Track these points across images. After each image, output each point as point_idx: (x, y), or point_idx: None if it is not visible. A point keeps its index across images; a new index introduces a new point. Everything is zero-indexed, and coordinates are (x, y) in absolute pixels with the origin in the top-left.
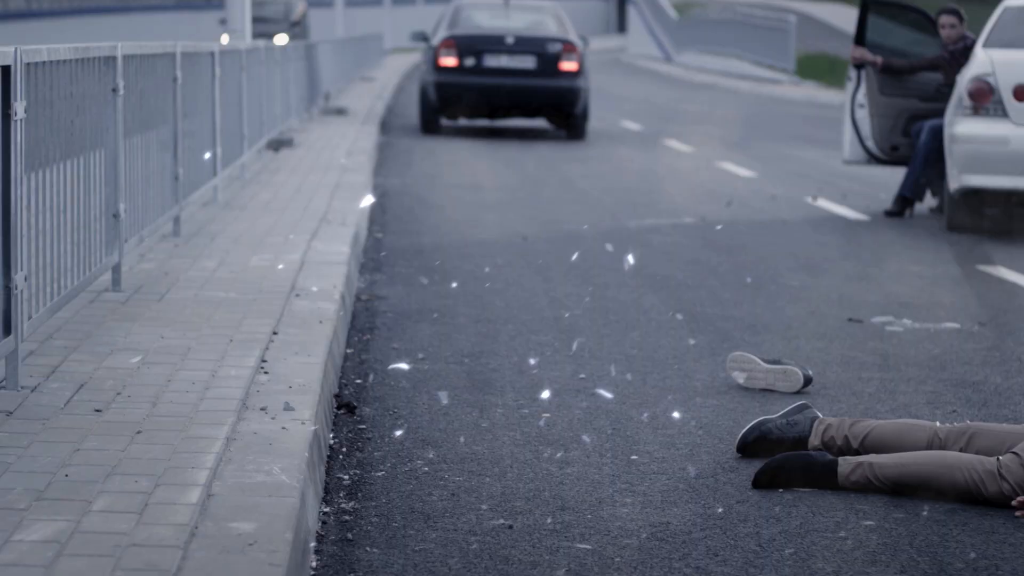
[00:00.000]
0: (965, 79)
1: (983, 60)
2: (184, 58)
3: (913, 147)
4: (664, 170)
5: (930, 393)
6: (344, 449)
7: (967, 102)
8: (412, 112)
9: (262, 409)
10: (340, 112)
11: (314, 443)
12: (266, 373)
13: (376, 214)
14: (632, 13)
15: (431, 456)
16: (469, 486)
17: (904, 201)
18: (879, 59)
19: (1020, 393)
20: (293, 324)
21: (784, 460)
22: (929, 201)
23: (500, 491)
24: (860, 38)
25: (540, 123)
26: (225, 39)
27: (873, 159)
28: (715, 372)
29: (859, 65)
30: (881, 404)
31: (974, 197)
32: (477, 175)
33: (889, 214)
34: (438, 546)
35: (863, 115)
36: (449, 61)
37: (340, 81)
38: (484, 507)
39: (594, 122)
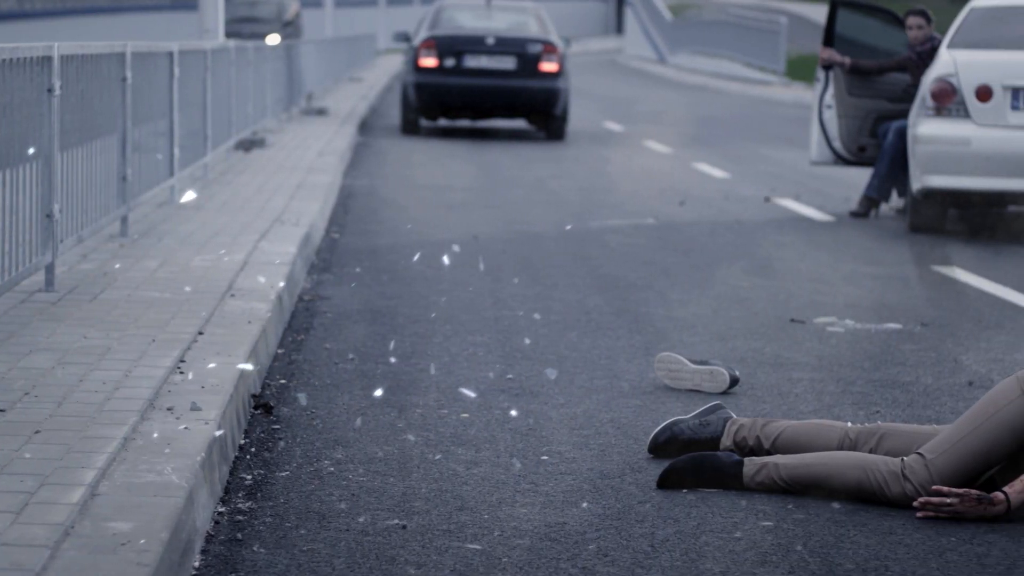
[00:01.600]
0: (928, 80)
1: (946, 61)
2: (135, 58)
3: (880, 148)
4: (638, 171)
5: (857, 394)
6: (253, 449)
7: (930, 103)
8: (395, 113)
9: (168, 409)
10: (321, 112)
11: (215, 443)
12: (182, 373)
13: (337, 214)
14: (629, 14)
15: (339, 456)
16: (371, 486)
17: (869, 202)
18: (847, 60)
19: (948, 394)
20: (221, 324)
21: (689, 461)
22: (895, 202)
23: (401, 491)
24: (828, 39)
25: (521, 124)
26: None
27: (840, 160)
28: (645, 373)
29: (827, 66)
30: (806, 405)
31: (937, 198)
32: (449, 176)
33: (854, 215)
34: (327, 546)
35: (831, 116)
36: (429, 62)
37: (326, 81)
38: (382, 508)
39: (577, 123)
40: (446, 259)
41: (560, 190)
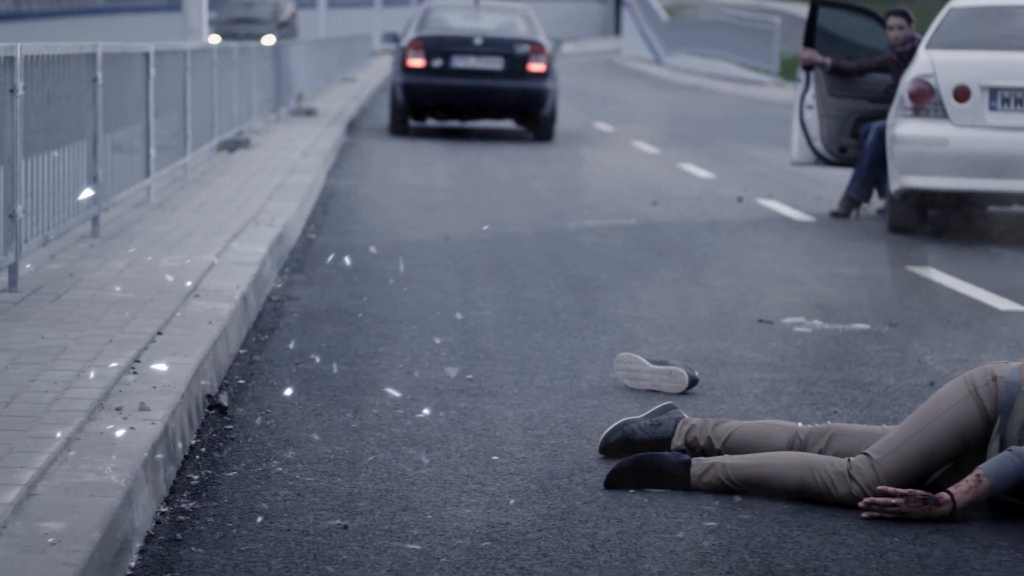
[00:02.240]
0: (906, 80)
1: (924, 61)
2: (108, 59)
3: (861, 148)
4: (623, 171)
5: (817, 394)
6: (203, 449)
7: (908, 103)
8: (385, 114)
9: (117, 409)
10: (309, 113)
11: (161, 443)
12: (135, 373)
13: (317, 215)
14: (626, 15)
15: (289, 456)
16: (318, 487)
17: (850, 202)
18: (828, 60)
19: (908, 395)
20: (182, 325)
21: (637, 461)
22: (876, 202)
23: (347, 492)
24: (809, 39)
25: (509, 124)
26: (214, 39)
27: (822, 160)
28: (606, 373)
29: (808, 66)
30: (764, 405)
31: (915, 198)
32: (432, 176)
33: (835, 215)
34: (266, 546)
35: (812, 116)
36: (417, 62)
37: (318, 81)
38: (326, 508)
39: (567, 123)
40: (419, 259)
41: (541, 190)
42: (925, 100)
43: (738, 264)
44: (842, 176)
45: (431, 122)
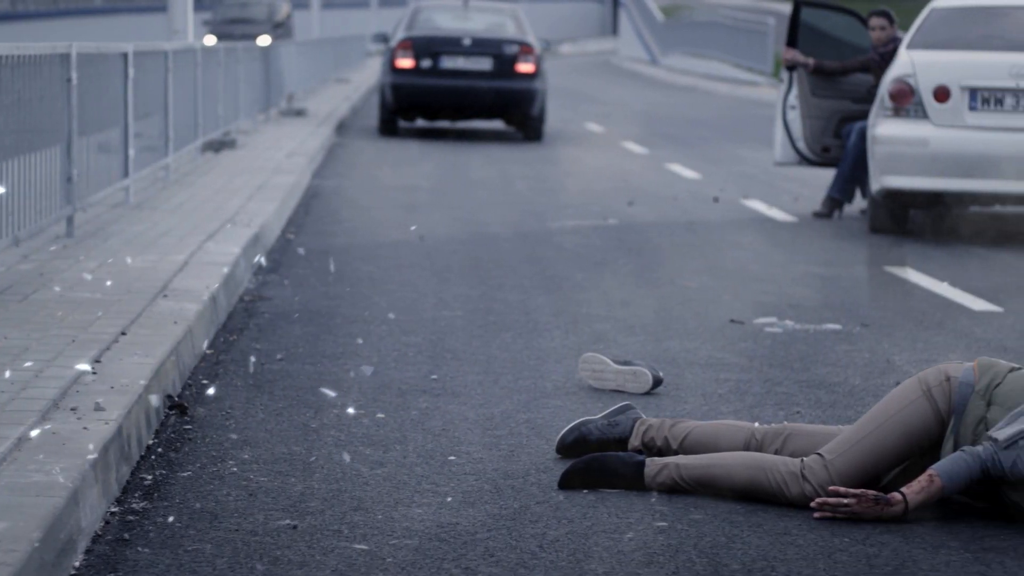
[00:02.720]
0: (887, 80)
1: (904, 61)
2: (84, 60)
3: (844, 148)
4: (610, 171)
5: (782, 395)
6: (160, 449)
7: (888, 103)
8: (376, 114)
9: (72, 409)
10: (300, 113)
11: (114, 443)
12: (94, 373)
13: (298, 215)
14: (623, 16)
15: (246, 457)
16: (271, 487)
17: (833, 202)
18: (811, 61)
19: (873, 395)
20: (147, 325)
21: (591, 461)
22: (860, 202)
23: (300, 492)
24: (792, 39)
25: (499, 125)
26: (210, 40)
27: (804, 160)
28: (571, 374)
29: (791, 67)
30: (727, 405)
31: (896, 198)
32: (417, 176)
33: (818, 215)
34: (213, 546)
35: (794, 116)
36: (406, 63)
37: (311, 82)
38: (277, 508)
39: (558, 124)
40: (396, 260)
41: (525, 191)
42: (905, 100)
43: (715, 264)
44: (826, 176)
45: (420, 123)
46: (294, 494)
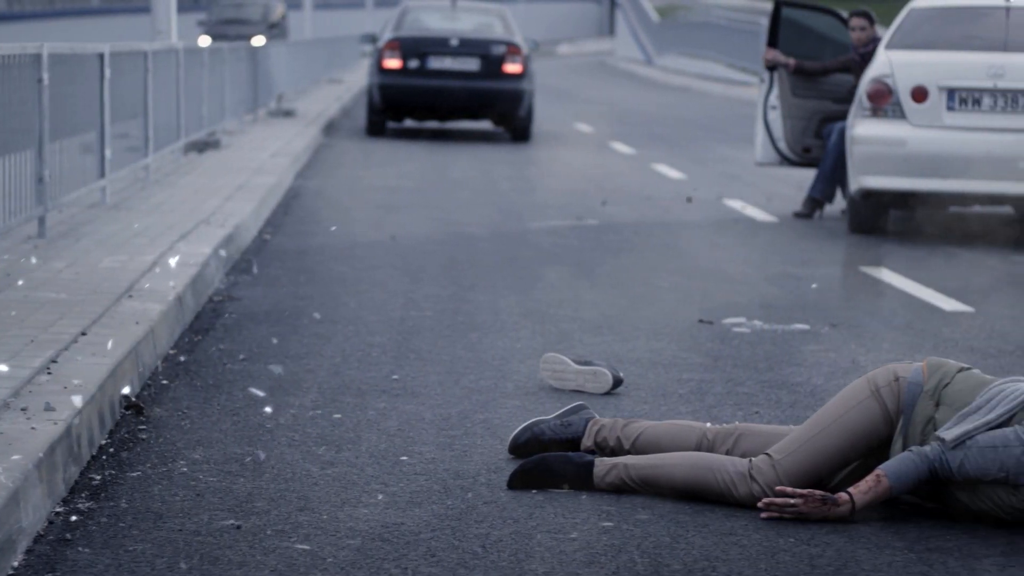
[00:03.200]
0: (865, 81)
1: (883, 62)
2: (56, 60)
3: (825, 149)
4: (595, 172)
5: (743, 395)
6: (112, 449)
7: (866, 103)
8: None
9: (22, 409)
10: (288, 114)
11: (61, 444)
12: (49, 373)
13: (277, 215)
14: (620, 16)
15: (197, 457)
16: (219, 487)
17: (814, 203)
18: (791, 61)
19: (833, 395)
20: (109, 325)
21: (539, 461)
22: (841, 203)
23: (248, 492)
24: (772, 40)
25: (488, 125)
26: (205, 41)
27: (785, 161)
28: (533, 374)
29: (771, 67)
30: (687, 405)
31: (874, 199)
32: (401, 177)
33: (798, 216)
34: (154, 546)
35: (775, 117)
36: (393, 63)
37: (304, 82)
38: (223, 508)
39: (548, 124)
40: (370, 260)
41: (508, 191)
42: (883, 100)
43: (690, 264)
44: (809, 177)
45: (409, 123)
46: (242, 494)
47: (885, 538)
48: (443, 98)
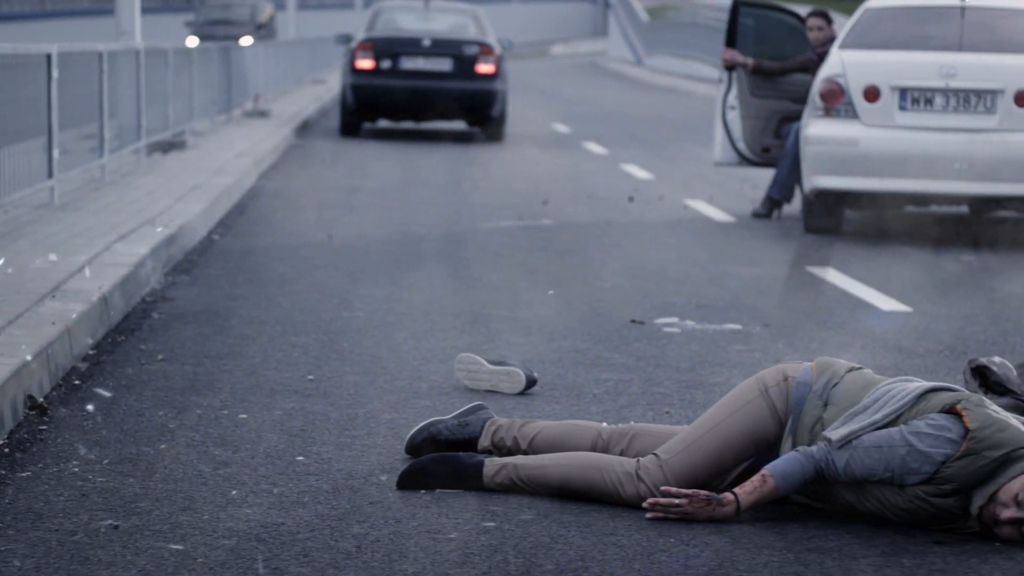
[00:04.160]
0: (817, 80)
1: (835, 61)
2: (1, 62)
3: (784, 148)
4: (562, 172)
5: (658, 395)
6: (7, 450)
7: (819, 103)
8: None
9: None
10: (263, 115)
11: None
12: None
13: (231, 216)
14: (611, 17)
15: (92, 457)
16: (107, 487)
17: (772, 203)
18: (750, 61)
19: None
20: (25, 326)
21: (429, 461)
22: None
23: (135, 492)
24: (731, 40)
25: (463, 125)
26: (192, 41)
27: (745, 161)
28: (451, 375)
29: (730, 67)
30: (599, 406)
31: (828, 198)
32: (365, 177)
33: (757, 216)
34: (26, 546)
35: (734, 117)
36: (366, 63)
37: (285, 82)
38: (107, 508)
39: (526, 124)
40: (314, 260)
41: (469, 192)
42: (835, 100)
43: (636, 264)
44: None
45: (384, 124)
46: (128, 495)
47: (767, 538)
48: (415, 98)
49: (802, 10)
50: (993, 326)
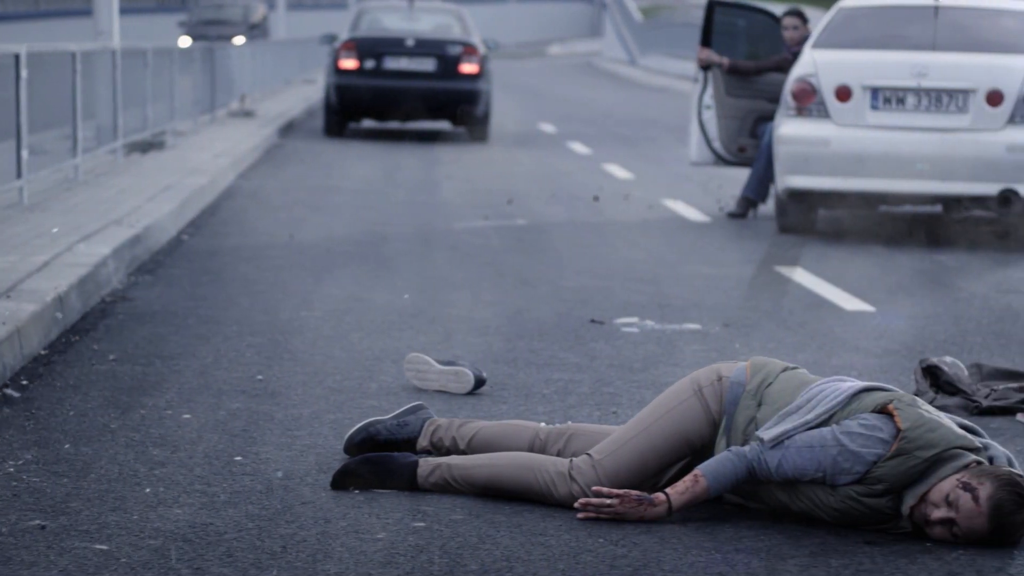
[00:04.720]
0: (789, 80)
1: (807, 61)
2: None
3: (759, 148)
4: (542, 172)
5: (607, 395)
6: None
7: (791, 103)
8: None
9: None
10: (248, 114)
11: None
12: None
13: (203, 216)
14: (607, 17)
15: (28, 457)
16: (40, 487)
17: (747, 202)
18: (725, 60)
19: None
20: None
21: (363, 461)
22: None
23: (67, 493)
24: (706, 39)
25: (448, 126)
26: (185, 41)
27: (720, 160)
28: (401, 374)
29: (705, 66)
30: (547, 405)
31: (800, 198)
32: (344, 178)
33: (732, 216)
34: None
35: (710, 116)
36: (349, 64)
37: (275, 82)
38: (37, 508)
39: (512, 124)
40: (280, 260)
41: (447, 191)
42: (807, 100)
43: (603, 264)
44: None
45: (369, 124)
46: (60, 495)
47: (696, 539)
48: (399, 98)
49: (778, 9)
50: (954, 326)
